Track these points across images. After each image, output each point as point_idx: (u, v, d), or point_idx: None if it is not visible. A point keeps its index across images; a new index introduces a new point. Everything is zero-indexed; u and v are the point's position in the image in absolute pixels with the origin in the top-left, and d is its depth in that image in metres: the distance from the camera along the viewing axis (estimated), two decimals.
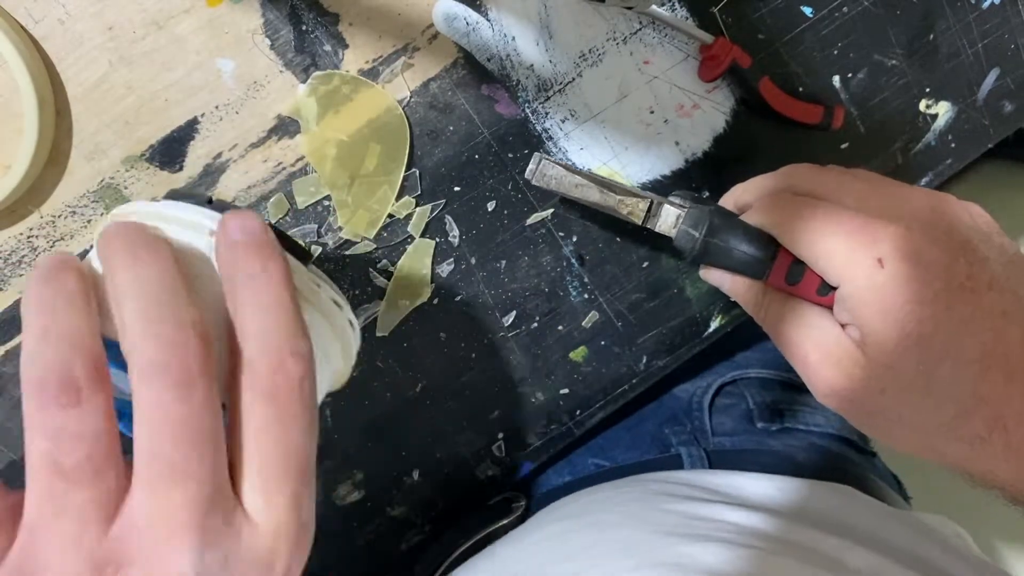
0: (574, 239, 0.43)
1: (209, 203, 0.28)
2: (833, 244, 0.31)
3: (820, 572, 0.33)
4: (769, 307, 0.35)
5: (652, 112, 0.42)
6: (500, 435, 0.47)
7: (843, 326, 0.32)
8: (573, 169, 0.36)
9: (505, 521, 0.47)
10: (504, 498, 0.49)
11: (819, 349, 0.32)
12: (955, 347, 0.29)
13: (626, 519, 0.40)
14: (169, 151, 0.38)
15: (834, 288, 0.32)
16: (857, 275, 0.30)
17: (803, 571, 0.34)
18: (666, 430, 0.53)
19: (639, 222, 0.37)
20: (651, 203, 0.37)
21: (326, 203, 0.40)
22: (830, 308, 0.33)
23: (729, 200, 0.38)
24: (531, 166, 0.37)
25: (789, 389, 0.58)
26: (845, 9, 0.42)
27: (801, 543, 0.36)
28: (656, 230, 0.37)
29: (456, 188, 0.41)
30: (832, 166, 0.36)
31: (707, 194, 0.44)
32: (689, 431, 0.53)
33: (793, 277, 0.34)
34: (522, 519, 0.48)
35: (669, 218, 0.36)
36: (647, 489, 0.44)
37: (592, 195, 0.36)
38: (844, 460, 0.52)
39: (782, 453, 0.51)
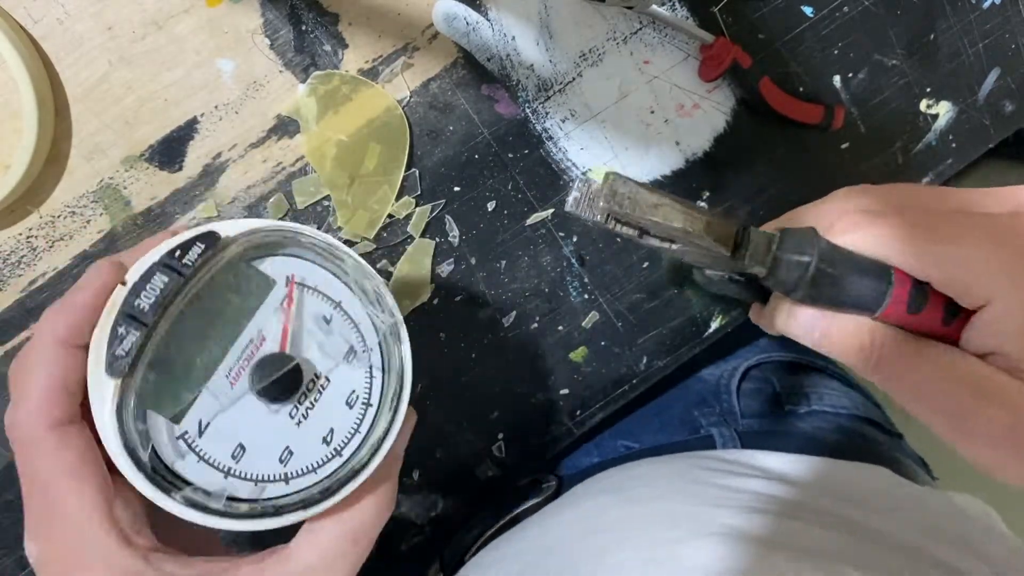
0: (574, 239, 0.43)
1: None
2: (977, 252, 0.25)
3: (867, 545, 0.34)
4: (883, 350, 0.27)
5: (652, 112, 0.42)
6: (500, 435, 0.47)
7: (982, 356, 0.27)
8: (646, 186, 0.27)
9: (536, 500, 0.47)
10: (534, 478, 0.49)
11: (974, 391, 0.26)
12: None
13: (666, 492, 0.40)
14: (169, 151, 0.38)
15: (964, 312, 0.27)
16: (1016, 286, 0.25)
17: (851, 543, 0.34)
18: (695, 412, 0.53)
19: (728, 252, 0.27)
20: (738, 228, 0.27)
21: (326, 203, 0.40)
22: (954, 341, 0.28)
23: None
24: (575, 193, 0.27)
25: (813, 372, 0.58)
26: (845, 9, 0.42)
27: (846, 517, 0.37)
28: (747, 261, 0.27)
29: (456, 188, 0.41)
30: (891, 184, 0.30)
31: (707, 195, 0.44)
32: (718, 413, 0.53)
33: (916, 304, 0.27)
34: (553, 499, 0.48)
35: (758, 247, 0.27)
36: (685, 463, 0.44)
37: (674, 217, 0.27)
38: (873, 441, 0.53)
39: (811, 435, 0.51)
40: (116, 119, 0.37)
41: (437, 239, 0.42)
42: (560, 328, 0.45)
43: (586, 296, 0.44)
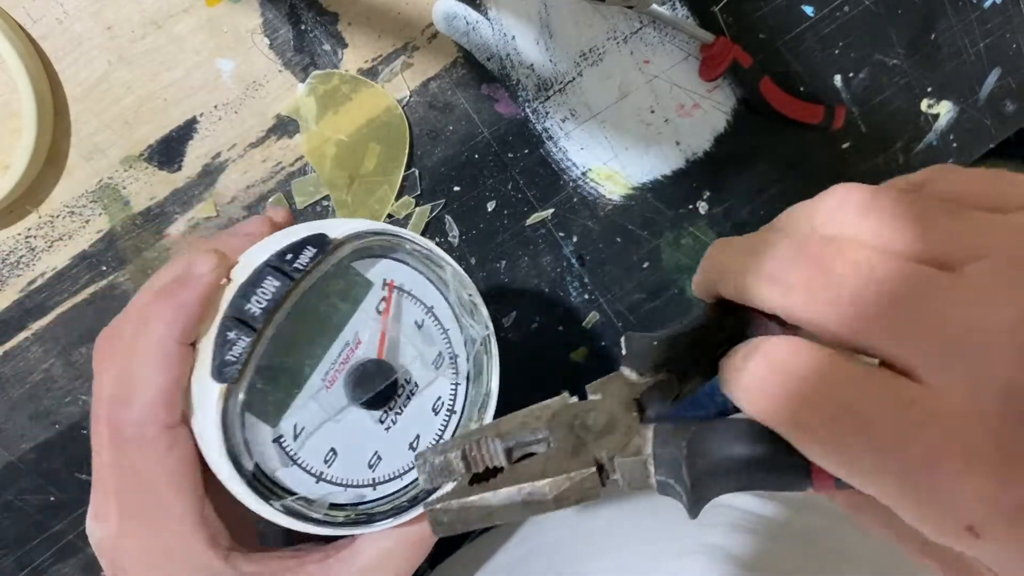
0: (574, 239, 0.43)
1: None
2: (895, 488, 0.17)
3: (847, 567, 0.33)
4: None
5: (652, 112, 0.42)
6: None
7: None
8: (474, 490, 0.23)
9: None
10: None
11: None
12: None
13: (649, 502, 0.40)
14: (168, 151, 0.38)
15: None
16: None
17: (834, 570, 0.34)
18: (688, 415, 0.53)
19: (596, 496, 0.22)
20: (598, 467, 0.22)
21: (325, 203, 0.40)
22: None
23: (706, 287, 0.24)
24: (423, 475, 0.23)
25: None
26: (846, 8, 0.41)
27: (835, 539, 0.36)
28: (628, 489, 0.23)
29: (456, 188, 0.41)
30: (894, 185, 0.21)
31: (707, 195, 0.43)
32: (713, 414, 0.53)
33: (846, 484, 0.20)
34: None
35: (634, 474, 0.22)
36: None
37: (514, 513, 0.23)
38: None
39: None
40: (115, 119, 0.37)
41: (437, 239, 0.42)
42: (560, 328, 0.45)
43: (586, 296, 0.44)
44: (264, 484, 0.26)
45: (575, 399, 0.24)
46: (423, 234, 0.41)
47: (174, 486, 0.26)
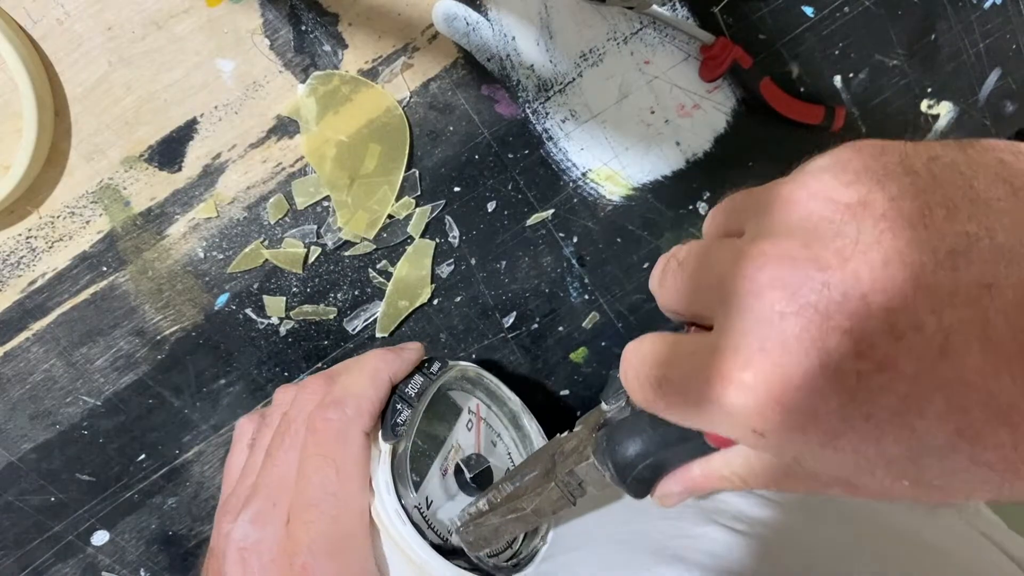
0: (574, 240, 0.43)
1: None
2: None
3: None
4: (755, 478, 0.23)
5: (653, 112, 0.42)
6: None
7: None
8: (490, 511, 0.30)
9: None
10: None
11: None
12: None
13: (613, 532, 0.39)
14: (168, 151, 0.38)
15: None
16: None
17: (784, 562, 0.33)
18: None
19: (573, 503, 0.29)
20: (558, 483, 0.28)
21: (326, 203, 0.40)
22: None
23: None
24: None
25: None
26: (846, 9, 0.42)
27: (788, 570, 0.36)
28: (597, 490, 0.28)
29: (456, 188, 0.41)
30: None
31: (707, 195, 0.43)
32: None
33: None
34: None
35: (590, 473, 0.27)
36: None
37: (517, 526, 0.30)
38: None
39: None
40: (116, 119, 0.37)
41: (437, 239, 0.42)
42: (560, 329, 0.45)
43: (586, 297, 0.44)
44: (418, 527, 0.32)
45: (566, 433, 0.30)
46: (423, 235, 0.41)
47: (362, 484, 0.31)
